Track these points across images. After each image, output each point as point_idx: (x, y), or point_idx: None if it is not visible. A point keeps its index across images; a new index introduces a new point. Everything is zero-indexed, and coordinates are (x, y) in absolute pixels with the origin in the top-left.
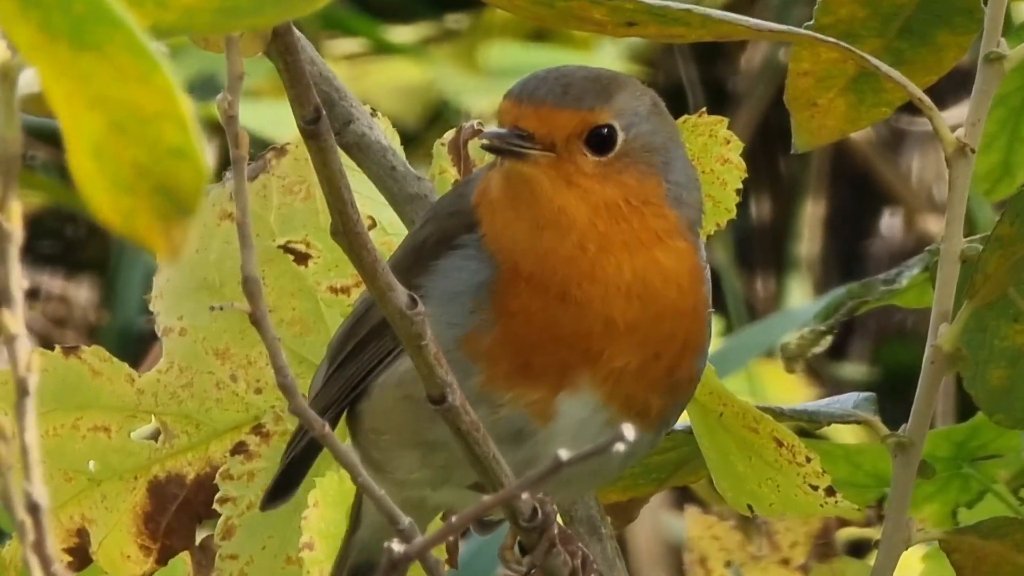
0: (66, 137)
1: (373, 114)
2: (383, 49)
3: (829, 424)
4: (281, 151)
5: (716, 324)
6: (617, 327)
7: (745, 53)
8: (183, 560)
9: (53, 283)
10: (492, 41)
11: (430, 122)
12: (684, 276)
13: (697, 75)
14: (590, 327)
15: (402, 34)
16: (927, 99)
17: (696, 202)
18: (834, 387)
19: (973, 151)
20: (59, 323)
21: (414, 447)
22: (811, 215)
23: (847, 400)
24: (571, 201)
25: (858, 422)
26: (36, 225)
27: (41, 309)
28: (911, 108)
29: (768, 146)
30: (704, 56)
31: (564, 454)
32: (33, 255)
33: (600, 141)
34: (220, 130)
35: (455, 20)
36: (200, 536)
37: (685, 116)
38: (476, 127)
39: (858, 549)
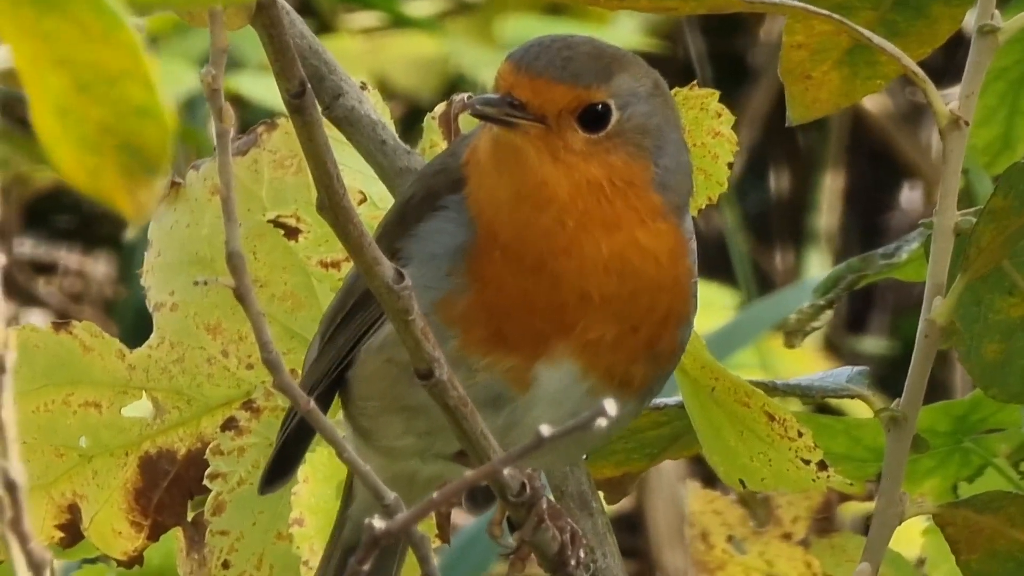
0: (30, 97)
1: (363, 87)
2: (400, 23)
3: (823, 399)
4: (272, 125)
5: (730, 298)
6: (592, 301)
7: (764, 26)
8: (175, 536)
9: (70, 258)
10: (508, 14)
11: (446, 96)
12: (663, 254)
13: (716, 49)
14: (565, 300)
15: (419, 8)
16: (920, 71)
17: (684, 187)
18: (853, 361)
19: (967, 123)
20: (76, 298)
21: (397, 412)
22: (830, 188)
23: (840, 374)
24: (554, 175)
25: (851, 396)
26: (53, 200)
27: (58, 284)
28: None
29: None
30: (722, 29)
31: (546, 430)
32: (50, 230)
33: (593, 118)
34: (235, 102)
35: None
36: (192, 512)
37: (676, 88)
38: (467, 100)
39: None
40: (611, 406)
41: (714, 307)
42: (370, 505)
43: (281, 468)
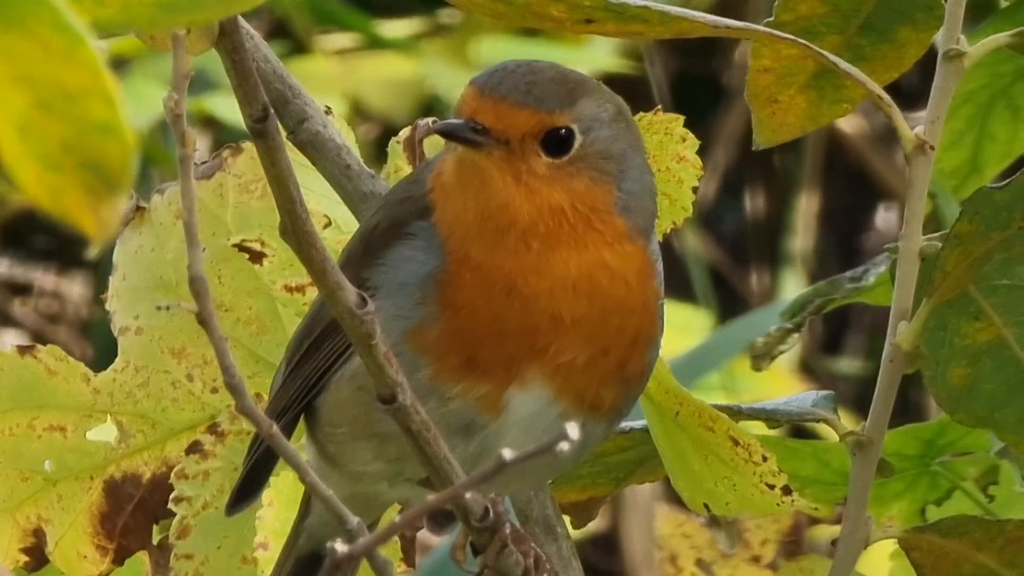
0: None
1: (328, 112)
2: (375, 44)
3: (787, 422)
4: (237, 149)
5: (703, 319)
6: (564, 323)
7: (739, 48)
8: (140, 560)
9: (46, 279)
10: (483, 37)
11: (421, 117)
12: (631, 275)
13: (691, 70)
14: (536, 322)
15: (394, 29)
16: (886, 96)
17: (648, 211)
18: (828, 382)
19: (932, 148)
20: (52, 319)
21: (368, 439)
22: (805, 209)
23: (806, 398)
24: (515, 198)
25: (816, 420)
26: (29, 221)
27: (34, 305)
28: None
29: None
30: (698, 52)
31: (508, 454)
32: (26, 250)
33: (556, 143)
34: (208, 124)
35: (448, 15)
36: (158, 536)
37: (640, 113)
38: (431, 125)
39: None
40: (573, 430)
41: (688, 329)
42: (327, 517)
43: (247, 489)
